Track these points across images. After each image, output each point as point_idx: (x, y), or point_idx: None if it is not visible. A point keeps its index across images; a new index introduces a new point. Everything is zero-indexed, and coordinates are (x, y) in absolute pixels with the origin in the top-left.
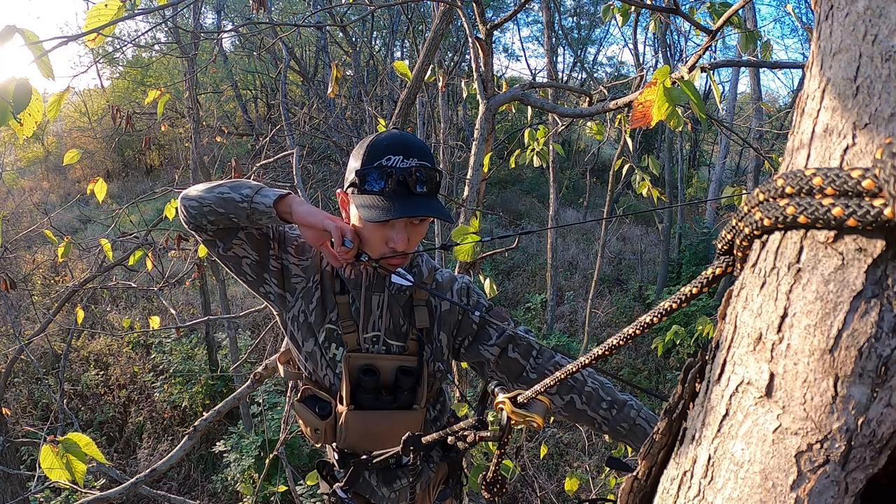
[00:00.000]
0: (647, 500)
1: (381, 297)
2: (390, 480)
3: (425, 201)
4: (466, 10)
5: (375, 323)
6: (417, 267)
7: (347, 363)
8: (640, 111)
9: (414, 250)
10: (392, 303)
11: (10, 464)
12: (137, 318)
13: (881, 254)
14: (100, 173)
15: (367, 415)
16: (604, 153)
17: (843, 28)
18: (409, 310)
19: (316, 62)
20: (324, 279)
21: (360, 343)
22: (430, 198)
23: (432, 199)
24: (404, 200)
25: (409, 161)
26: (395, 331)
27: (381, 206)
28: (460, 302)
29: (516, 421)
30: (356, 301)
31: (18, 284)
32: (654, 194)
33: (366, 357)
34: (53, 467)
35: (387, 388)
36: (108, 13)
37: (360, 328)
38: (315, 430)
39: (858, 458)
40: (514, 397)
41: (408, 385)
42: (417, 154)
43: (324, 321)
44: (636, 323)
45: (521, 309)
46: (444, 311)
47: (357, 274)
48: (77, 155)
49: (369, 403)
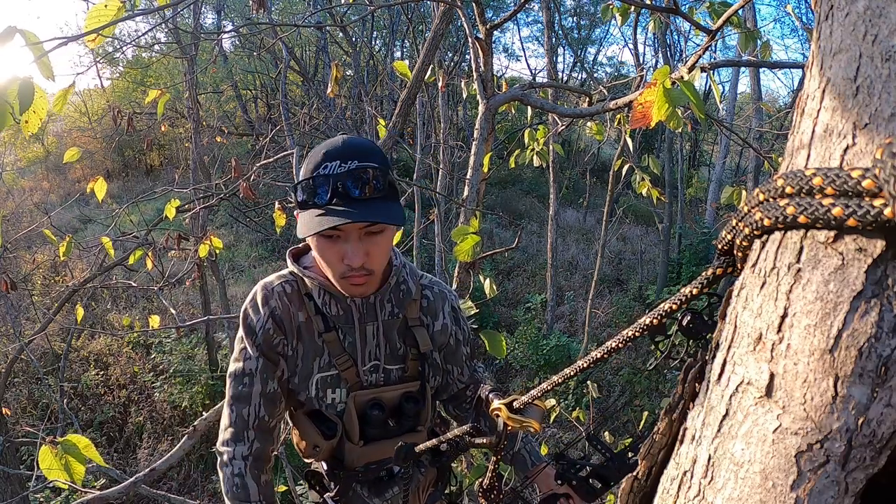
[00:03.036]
0: (647, 500)
1: (376, 326)
2: (381, 491)
3: (365, 206)
4: (466, 10)
5: (373, 353)
6: (404, 283)
7: (354, 402)
8: (640, 111)
9: (380, 265)
10: (387, 329)
11: (10, 464)
12: (137, 318)
13: (881, 254)
14: (100, 173)
15: (374, 445)
16: (604, 153)
17: (843, 28)
18: (405, 332)
19: (316, 62)
20: (300, 330)
21: (360, 376)
22: (372, 202)
23: (376, 204)
24: (342, 208)
25: (347, 164)
26: (393, 355)
27: (317, 219)
28: (452, 325)
29: (513, 427)
30: (349, 335)
31: (18, 284)
32: (654, 194)
33: (370, 392)
34: (52, 468)
35: (393, 417)
36: (108, 14)
37: (358, 362)
38: (314, 448)
39: (858, 458)
40: (509, 403)
41: (413, 411)
42: (358, 156)
43: (311, 373)
44: (635, 325)
45: (521, 309)
46: (436, 330)
47: (344, 308)
48: (77, 153)
49: (377, 435)
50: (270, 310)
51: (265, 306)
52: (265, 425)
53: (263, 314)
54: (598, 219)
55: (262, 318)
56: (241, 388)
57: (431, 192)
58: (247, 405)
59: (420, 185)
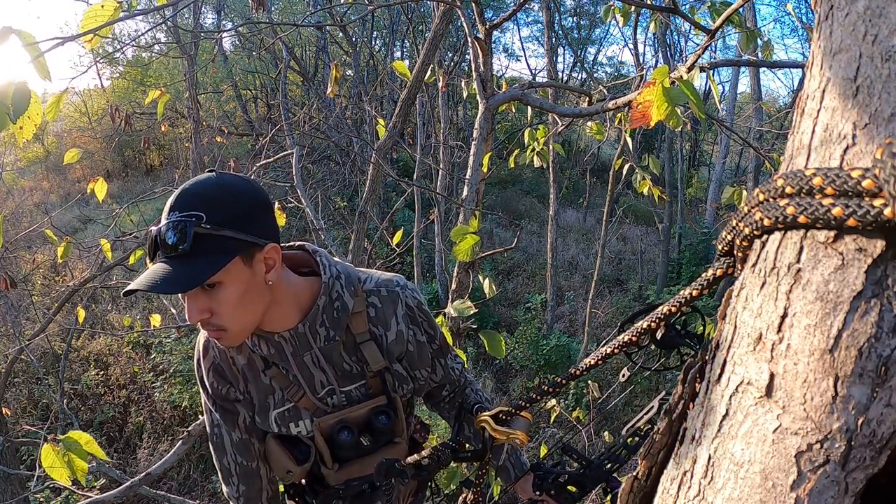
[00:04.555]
0: (647, 500)
1: (313, 354)
2: None
3: (166, 267)
4: (466, 10)
5: (322, 381)
6: (338, 300)
7: (319, 429)
8: (639, 111)
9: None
10: (328, 353)
11: (10, 464)
12: (137, 318)
13: (881, 254)
14: (100, 173)
15: (352, 465)
16: (604, 153)
17: (843, 28)
18: (354, 349)
19: (316, 62)
20: (245, 372)
21: (319, 402)
22: (181, 260)
23: (184, 261)
24: (160, 263)
25: (166, 217)
26: (346, 376)
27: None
28: (407, 330)
29: (499, 439)
30: (290, 370)
31: (18, 284)
32: (655, 193)
33: (335, 416)
34: (55, 466)
35: (364, 434)
36: (105, 14)
37: (307, 391)
38: (287, 472)
39: (858, 458)
40: (495, 415)
41: (385, 426)
42: (181, 205)
43: (269, 410)
44: (633, 329)
45: (521, 309)
46: (390, 341)
47: (274, 345)
48: (77, 154)
49: (352, 455)
50: (210, 361)
51: (205, 359)
52: (246, 469)
53: (205, 367)
54: (598, 219)
55: (206, 372)
56: (215, 438)
57: (431, 192)
58: (224, 454)
59: (420, 185)
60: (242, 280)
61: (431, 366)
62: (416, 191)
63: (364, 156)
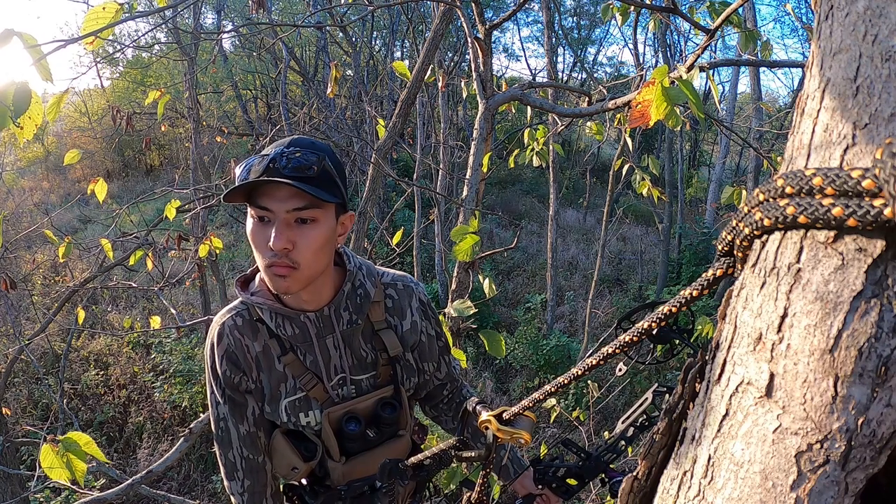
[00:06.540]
0: (647, 500)
1: (335, 337)
2: None
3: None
4: (466, 10)
5: (337, 366)
6: (361, 287)
7: (328, 420)
8: (639, 111)
9: (306, 259)
10: (349, 338)
11: (10, 464)
12: (137, 318)
13: (881, 254)
14: (100, 173)
15: (357, 459)
16: (604, 153)
17: (843, 28)
18: (371, 336)
19: (316, 62)
20: (259, 361)
21: (329, 392)
22: (302, 182)
23: (303, 183)
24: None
25: (284, 147)
26: (361, 364)
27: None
28: (421, 322)
29: (503, 439)
30: (308, 353)
31: (18, 284)
32: (655, 194)
33: (343, 407)
34: (54, 466)
35: (371, 426)
36: (106, 16)
37: (323, 378)
38: (292, 469)
39: (858, 458)
40: (499, 415)
41: (391, 418)
42: (303, 145)
43: (280, 400)
44: (632, 330)
45: (521, 309)
46: (405, 330)
47: (299, 326)
48: (77, 155)
49: (358, 448)
50: (224, 350)
51: (219, 346)
52: (252, 464)
53: (218, 355)
54: (598, 219)
55: (218, 360)
56: (220, 433)
57: (431, 192)
58: (229, 448)
59: (420, 185)
60: (330, 227)
61: (437, 361)
62: (416, 191)
63: (364, 156)
